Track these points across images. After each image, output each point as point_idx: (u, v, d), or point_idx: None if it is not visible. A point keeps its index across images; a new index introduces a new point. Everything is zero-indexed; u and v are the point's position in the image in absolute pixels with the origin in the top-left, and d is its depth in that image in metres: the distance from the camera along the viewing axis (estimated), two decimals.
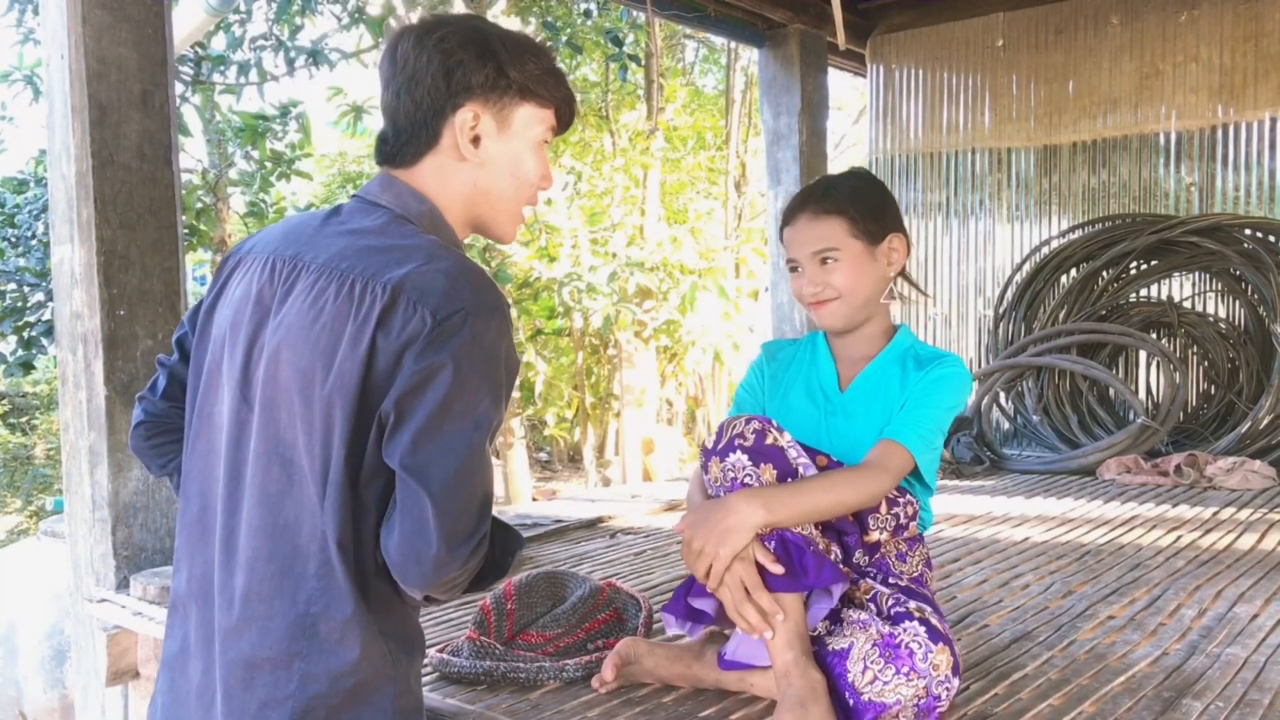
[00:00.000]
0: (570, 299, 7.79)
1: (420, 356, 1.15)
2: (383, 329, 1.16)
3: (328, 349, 1.18)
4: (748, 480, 1.55)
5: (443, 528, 1.14)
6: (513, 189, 1.35)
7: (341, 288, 1.20)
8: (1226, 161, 4.55)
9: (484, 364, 1.17)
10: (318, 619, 1.19)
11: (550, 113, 1.36)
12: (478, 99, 1.30)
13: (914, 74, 5.34)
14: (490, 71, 1.29)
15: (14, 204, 6.26)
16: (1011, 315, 4.89)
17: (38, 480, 8.05)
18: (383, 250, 1.22)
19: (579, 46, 7.38)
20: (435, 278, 1.17)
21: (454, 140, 1.30)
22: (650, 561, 2.74)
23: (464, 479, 1.15)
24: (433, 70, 1.28)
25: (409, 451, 1.15)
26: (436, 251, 1.21)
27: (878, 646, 1.46)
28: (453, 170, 1.31)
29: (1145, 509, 3.34)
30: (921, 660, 1.44)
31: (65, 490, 2.55)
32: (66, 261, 2.44)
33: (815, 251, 1.72)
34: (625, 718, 1.64)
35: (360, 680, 1.19)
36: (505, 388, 1.20)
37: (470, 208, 1.34)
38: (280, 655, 1.19)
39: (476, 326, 1.16)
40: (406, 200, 1.30)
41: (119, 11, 2.39)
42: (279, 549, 1.20)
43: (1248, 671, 1.79)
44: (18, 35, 6.18)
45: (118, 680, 2.38)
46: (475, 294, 1.17)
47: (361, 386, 1.16)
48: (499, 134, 1.32)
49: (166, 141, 2.48)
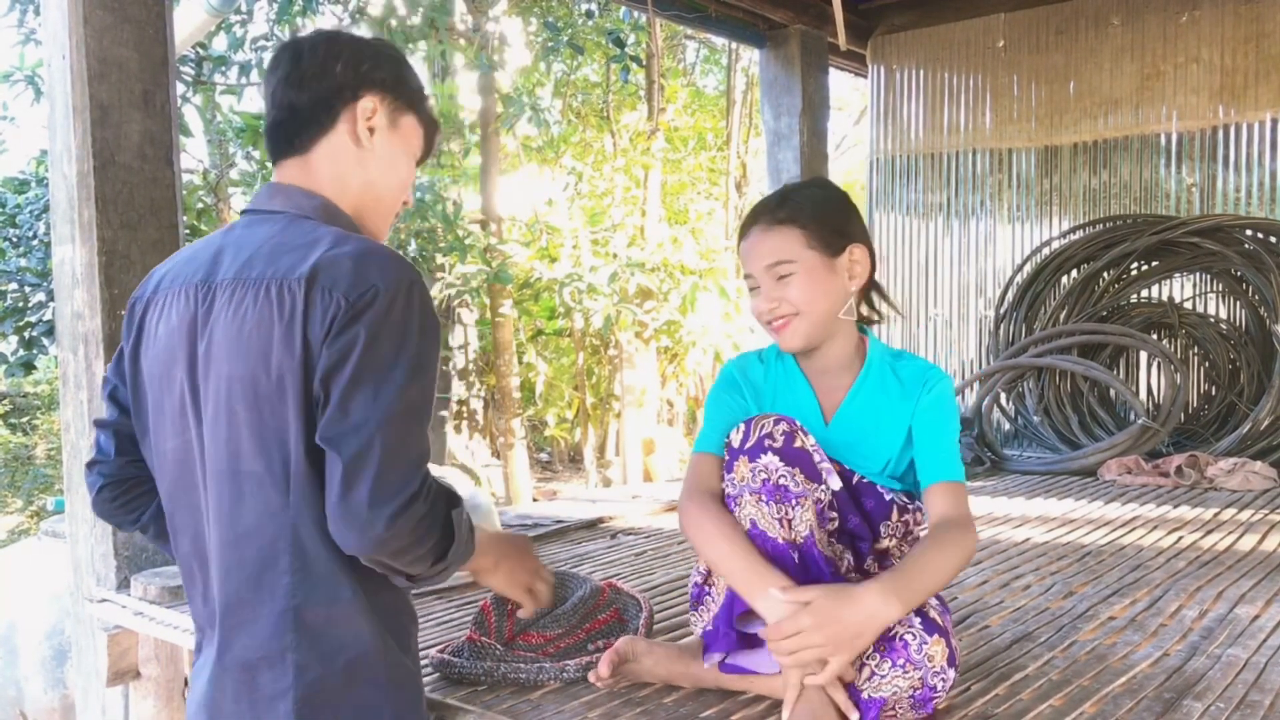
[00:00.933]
0: (571, 299, 7.80)
1: (336, 337, 1.21)
2: (308, 321, 1.21)
3: (262, 353, 1.24)
4: (783, 482, 1.49)
5: (357, 492, 1.19)
6: (393, 187, 1.43)
7: (258, 294, 1.25)
8: (1227, 162, 4.55)
9: (395, 334, 1.22)
10: (301, 610, 1.25)
11: (424, 134, 1.47)
12: (380, 92, 1.38)
13: (915, 74, 5.34)
14: (393, 73, 1.40)
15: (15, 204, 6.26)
16: (1012, 316, 4.89)
17: (39, 480, 8.05)
18: (287, 250, 1.26)
19: (580, 47, 7.38)
20: (343, 263, 1.22)
21: (351, 126, 1.36)
22: (651, 562, 2.74)
23: (377, 444, 1.19)
24: (343, 60, 1.36)
25: (325, 424, 1.21)
26: (339, 239, 1.26)
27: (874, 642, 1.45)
28: (345, 155, 1.37)
29: (1146, 510, 3.34)
30: (916, 651, 1.42)
31: (66, 490, 2.55)
32: (68, 262, 2.44)
33: (770, 265, 1.63)
34: (626, 718, 1.64)
35: (352, 658, 1.26)
36: (422, 355, 1.24)
37: (357, 197, 1.39)
38: (272, 652, 1.25)
39: (385, 301, 1.21)
40: (298, 200, 1.34)
41: (120, 12, 2.39)
42: (245, 556, 1.27)
43: (1249, 673, 1.79)
44: (19, 35, 6.18)
45: (118, 680, 2.38)
46: (383, 271, 1.23)
47: (304, 379, 1.22)
48: (389, 132, 1.40)
49: (168, 142, 2.48)
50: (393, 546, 1.21)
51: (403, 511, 1.20)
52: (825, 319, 1.64)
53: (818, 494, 1.53)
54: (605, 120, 9.29)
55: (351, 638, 1.26)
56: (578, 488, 9.30)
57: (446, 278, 7.81)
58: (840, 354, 1.69)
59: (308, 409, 1.23)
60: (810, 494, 1.51)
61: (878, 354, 1.70)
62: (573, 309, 7.92)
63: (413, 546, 1.23)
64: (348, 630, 1.26)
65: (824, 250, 1.63)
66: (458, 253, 7.52)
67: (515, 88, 8.57)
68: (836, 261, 1.64)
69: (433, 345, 1.27)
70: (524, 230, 8.49)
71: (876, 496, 1.65)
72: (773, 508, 1.50)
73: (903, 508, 1.66)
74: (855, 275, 1.66)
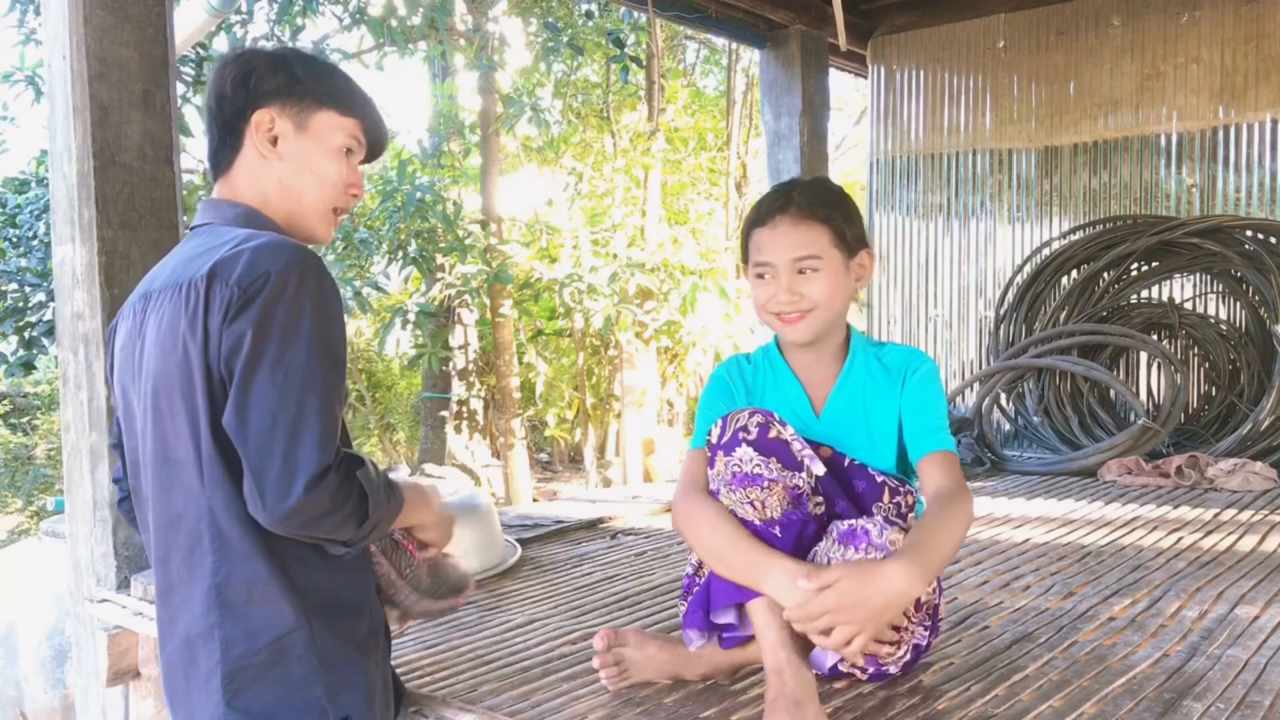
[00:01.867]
0: (571, 300, 7.79)
1: (230, 324, 1.27)
2: (209, 313, 1.28)
3: (172, 346, 1.32)
4: (758, 471, 1.52)
5: (263, 480, 1.24)
6: (315, 187, 1.46)
7: (175, 295, 1.33)
8: (1227, 163, 4.55)
9: (288, 313, 1.26)
10: (223, 587, 1.32)
11: (353, 124, 1.48)
12: (274, 103, 1.43)
13: (915, 75, 5.34)
14: (283, 79, 1.43)
15: (15, 204, 6.26)
16: (1012, 316, 4.89)
17: (39, 480, 8.04)
18: (201, 253, 1.35)
19: (580, 48, 7.38)
20: (242, 255, 1.29)
21: (253, 142, 1.43)
22: (651, 562, 2.74)
23: (281, 423, 1.24)
24: (232, 82, 1.43)
25: (229, 413, 1.27)
26: (246, 237, 1.33)
27: (837, 541, 1.50)
28: (259, 168, 1.44)
29: (1146, 510, 3.34)
30: (878, 536, 1.47)
31: (66, 490, 2.54)
32: (68, 262, 2.44)
33: (797, 258, 1.63)
34: (626, 718, 1.64)
35: (277, 635, 1.31)
36: (320, 330, 1.28)
37: (280, 204, 1.45)
38: (203, 629, 1.33)
39: (278, 282, 1.26)
40: (223, 211, 1.44)
41: (120, 12, 2.39)
42: (177, 540, 1.35)
43: (1248, 673, 1.79)
44: (19, 35, 6.18)
45: (118, 680, 2.38)
46: (276, 257, 1.28)
47: (206, 368, 1.29)
48: (297, 135, 1.44)
49: (168, 142, 2.48)
50: (305, 517, 1.25)
51: (314, 486, 1.24)
52: (838, 317, 1.70)
53: (794, 481, 1.55)
54: (605, 121, 9.28)
55: (275, 615, 1.31)
56: (578, 488, 9.30)
57: (446, 278, 7.81)
58: (832, 345, 1.74)
59: (211, 395, 1.29)
60: (784, 480, 1.53)
61: (860, 344, 1.75)
62: (573, 309, 7.92)
63: (329, 514, 1.27)
64: (270, 608, 1.31)
65: (846, 252, 1.67)
66: (458, 253, 7.52)
67: (515, 88, 8.57)
68: (851, 263, 1.68)
69: (330, 321, 1.30)
70: (524, 230, 8.49)
71: (868, 479, 1.67)
72: (743, 493, 1.53)
73: (894, 489, 1.68)
74: (861, 278, 1.70)
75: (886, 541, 1.47)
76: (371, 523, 1.32)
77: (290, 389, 1.25)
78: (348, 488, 1.28)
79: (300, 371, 1.26)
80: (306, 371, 1.26)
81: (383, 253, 7.46)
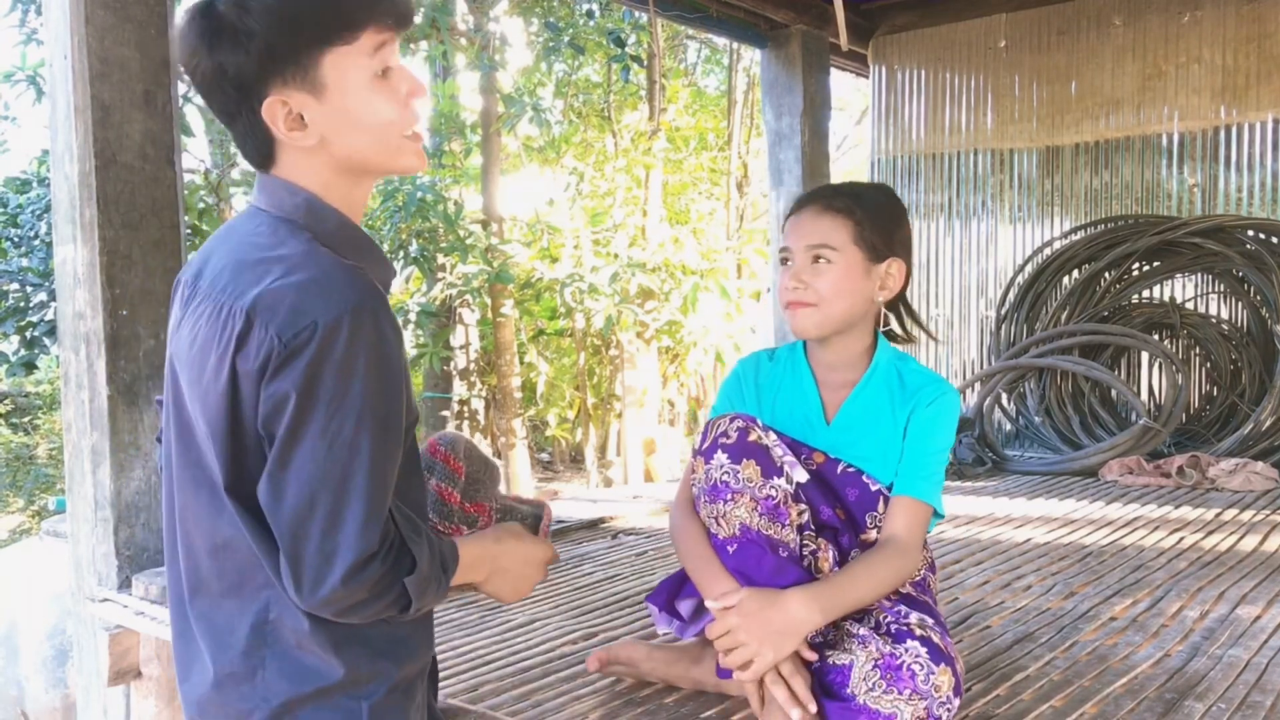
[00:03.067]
0: (572, 300, 7.80)
1: (269, 383, 1.09)
2: (241, 354, 1.10)
3: (198, 378, 1.15)
4: (726, 479, 1.51)
5: (297, 566, 1.10)
6: (373, 139, 1.20)
7: (213, 311, 1.15)
8: (1229, 163, 4.55)
9: (337, 375, 1.08)
10: (275, 628, 1.17)
11: (366, 35, 1.17)
12: (273, 84, 1.15)
13: (916, 75, 5.34)
14: (258, 50, 1.13)
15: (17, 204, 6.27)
16: (1013, 316, 4.89)
17: (40, 480, 8.05)
18: (252, 265, 1.15)
19: (581, 47, 7.38)
20: (285, 294, 1.10)
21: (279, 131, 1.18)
22: (652, 562, 2.74)
23: (321, 506, 1.09)
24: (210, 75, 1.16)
25: (263, 486, 1.11)
26: (297, 260, 1.14)
27: (879, 667, 1.43)
28: (302, 156, 1.20)
29: (1147, 510, 3.34)
30: (923, 682, 1.41)
31: (67, 490, 2.55)
32: (69, 261, 2.44)
33: (811, 245, 1.63)
34: (627, 718, 1.64)
35: (322, 687, 1.17)
36: (373, 394, 1.11)
37: (347, 175, 1.23)
38: (243, 669, 1.18)
39: (326, 340, 1.08)
40: (281, 197, 1.21)
41: (122, 12, 2.39)
42: (223, 568, 1.19)
43: (1250, 673, 1.79)
44: (20, 35, 6.19)
45: (120, 680, 2.38)
46: (326, 302, 1.09)
47: (230, 415, 1.13)
48: (320, 100, 1.17)
49: (169, 142, 2.48)
50: (341, 606, 1.13)
51: (351, 577, 1.10)
52: (842, 318, 1.65)
53: (767, 490, 1.52)
54: (606, 120, 9.28)
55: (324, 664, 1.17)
56: (579, 488, 9.29)
57: (448, 278, 7.81)
58: (851, 352, 1.70)
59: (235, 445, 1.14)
60: (751, 491, 1.51)
61: (885, 356, 1.70)
62: (574, 309, 7.92)
63: (368, 603, 1.14)
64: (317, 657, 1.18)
65: (868, 252, 1.64)
66: (459, 253, 7.52)
67: (516, 88, 8.57)
68: (875, 268, 1.65)
69: (386, 380, 1.13)
70: (525, 230, 8.49)
71: (861, 486, 1.65)
72: (710, 507, 1.54)
73: (889, 499, 1.65)
74: (886, 287, 1.66)
75: (931, 688, 1.40)
76: (415, 609, 1.18)
77: (334, 466, 1.09)
78: (391, 578, 1.14)
79: (346, 445, 1.09)
80: (353, 445, 1.10)
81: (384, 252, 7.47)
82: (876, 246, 1.64)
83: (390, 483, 1.16)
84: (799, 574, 1.51)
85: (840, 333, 1.68)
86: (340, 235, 1.22)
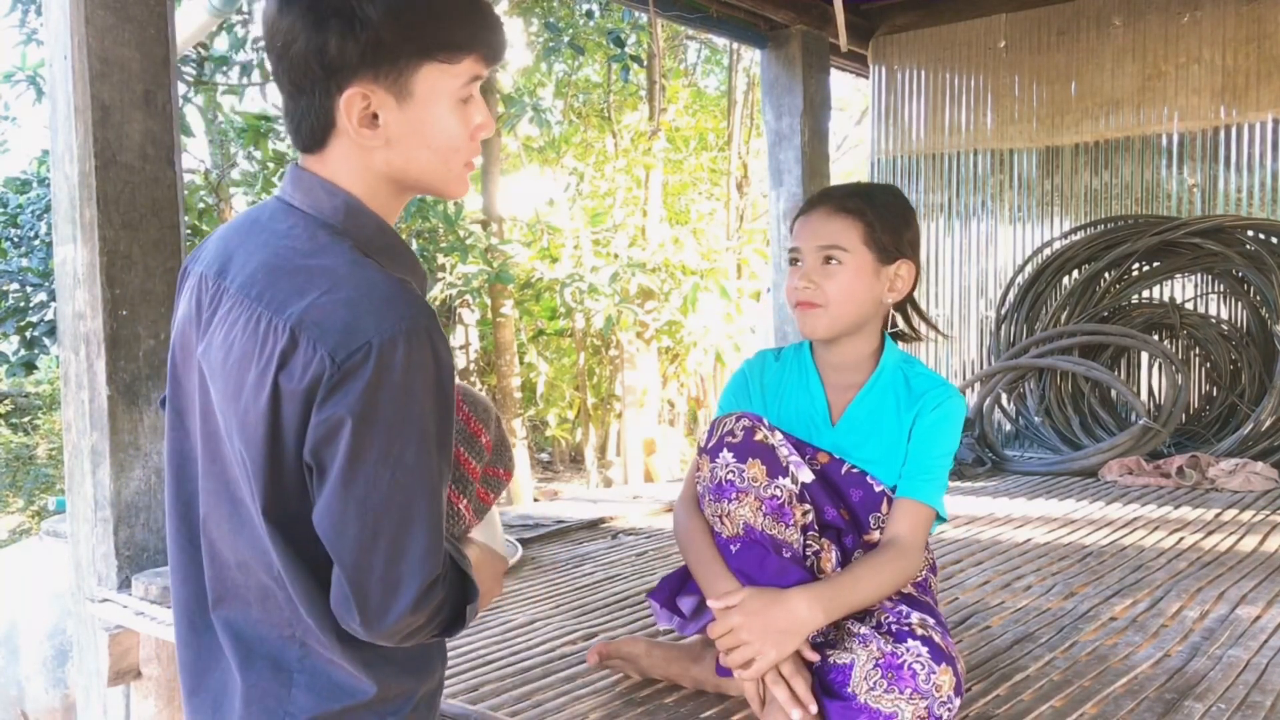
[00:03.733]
0: (572, 300, 7.80)
1: (322, 406, 1.04)
2: (285, 372, 1.05)
3: (234, 393, 1.10)
4: (731, 478, 1.51)
5: (361, 597, 1.07)
6: (435, 159, 1.18)
7: (249, 321, 1.09)
8: (1229, 163, 4.55)
9: (398, 402, 1.04)
10: (303, 643, 1.15)
11: (467, 62, 1.16)
12: (364, 76, 1.12)
13: (916, 75, 5.34)
14: (367, 40, 1.10)
15: (17, 204, 6.27)
16: (1013, 317, 4.89)
17: (40, 480, 8.05)
18: (290, 272, 1.10)
19: (581, 47, 7.38)
20: (336, 310, 1.05)
21: (349, 123, 1.13)
22: (652, 562, 2.74)
23: (382, 537, 1.06)
24: (304, 49, 1.11)
25: (321, 515, 1.07)
26: (343, 272, 1.09)
27: (880, 666, 1.43)
28: (359, 156, 1.16)
29: (1147, 510, 3.34)
30: (924, 681, 1.41)
31: (67, 490, 2.55)
32: (69, 261, 2.44)
33: (822, 245, 1.63)
34: (627, 717, 1.64)
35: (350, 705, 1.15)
36: (431, 419, 1.07)
37: (394, 185, 1.19)
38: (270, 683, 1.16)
39: (383, 361, 1.03)
40: (318, 197, 1.16)
41: (122, 12, 2.39)
42: (245, 582, 1.17)
43: (1250, 673, 1.79)
44: (21, 35, 6.19)
45: (120, 680, 2.38)
46: (379, 320, 1.04)
47: (270, 436, 1.07)
48: (400, 106, 1.14)
49: (169, 142, 2.48)
50: (403, 634, 1.11)
51: (417, 606, 1.08)
52: (851, 319, 1.65)
53: (771, 490, 1.52)
54: (606, 120, 9.29)
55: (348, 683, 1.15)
56: (579, 488, 9.30)
57: (448, 278, 7.81)
58: (859, 354, 1.70)
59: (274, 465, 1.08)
60: (756, 490, 1.51)
61: (892, 359, 1.70)
62: (574, 309, 7.92)
63: (425, 629, 1.13)
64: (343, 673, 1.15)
65: (878, 253, 1.63)
66: (459, 253, 7.52)
67: (517, 88, 8.57)
68: (884, 269, 1.64)
69: (442, 401, 1.09)
70: (525, 230, 8.49)
71: (865, 487, 1.65)
72: (715, 506, 1.54)
73: (894, 500, 1.66)
74: (895, 289, 1.66)
75: (932, 687, 1.41)
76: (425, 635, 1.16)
77: (396, 493, 1.05)
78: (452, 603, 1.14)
79: (410, 471, 1.05)
80: (416, 470, 1.06)
81: None
82: (886, 248, 1.64)
83: (445, 506, 1.12)
84: (801, 575, 1.51)
85: (849, 334, 1.67)
86: (379, 242, 1.18)
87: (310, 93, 1.13)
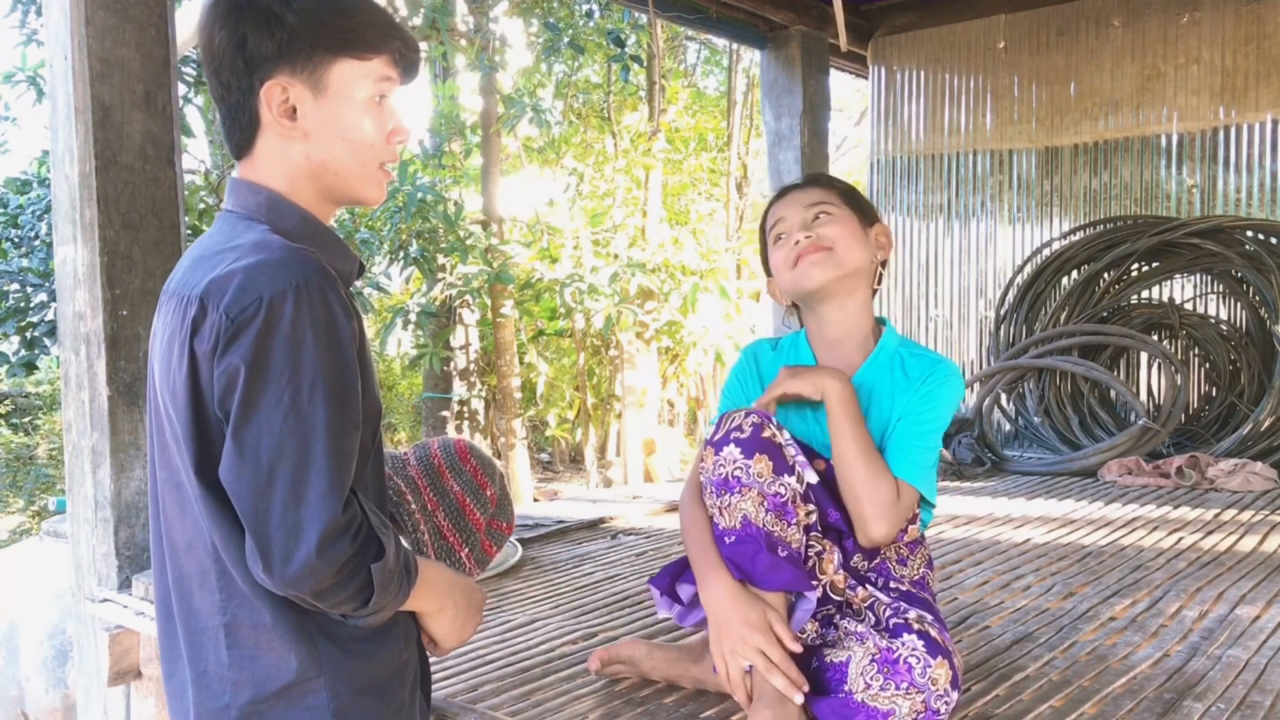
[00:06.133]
0: (572, 300, 7.80)
1: (220, 359, 1.12)
2: (197, 338, 1.14)
3: (165, 371, 1.20)
4: (737, 473, 1.51)
5: (264, 542, 1.11)
6: (351, 154, 1.26)
7: (176, 307, 1.20)
8: (1228, 163, 4.56)
9: (285, 349, 1.11)
10: (234, 628, 1.20)
11: (379, 63, 1.26)
12: (282, 69, 1.22)
13: (915, 76, 5.35)
14: (283, 36, 1.21)
15: (17, 204, 6.27)
16: (1013, 317, 4.89)
17: (40, 480, 8.05)
18: (209, 257, 1.20)
19: (581, 47, 7.38)
20: (235, 275, 1.13)
21: (269, 116, 1.23)
22: (652, 562, 2.74)
23: (279, 481, 1.10)
24: (225, 44, 1.22)
25: (224, 465, 1.13)
26: (250, 248, 1.17)
27: (876, 662, 1.44)
28: (282, 149, 1.25)
29: (1146, 511, 3.34)
30: (920, 675, 1.41)
31: (68, 490, 2.55)
32: (69, 262, 2.44)
33: (810, 204, 1.68)
34: (627, 717, 1.64)
35: (287, 684, 1.19)
36: (323, 365, 1.12)
37: (315, 181, 1.27)
38: (213, 668, 1.21)
39: (273, 312, 1.10)
40: (245, 197, 1.26)
41: (122, 13, 2.39)
42: (189, 567, 1.23)
43: (1249, 673, 1.79)
44: (21, 36, 6.19)
45: (120, 680, 2.38)
46: (272, 278, 1.12)
47: (191, 400, 1.16)
48: (316, 100, 1.24)
49: (169, 142, 2.48)
50: (311, 585, 1.12)
51: (321, 552, 1.10)
52: (853, 264, 1.67)
53: (775, 488, 1.52)
54: (606, 121, 9.29)
55: (283, 662, 1.19)
56: (579, 488, 9.30)
57: (448, 278, 7.81)
58: (855, 327, 1.71)
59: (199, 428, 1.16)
60: (760, 486, 1.51)
61: (891, 342, 1.72)
62: (574, 309, 7.92)
63: (335, 590, 1.14)
64: (277, 655, 1.19)
65: (859, 215, 1.71)
66: (459, 253, 7.52)
67: (516, 89, 8.57)
68: (868, 231, 1.72)
69: (338, 350, 1.14)
70: (525, 231, 8.50)
71: None
72: (717, 499, 1.54)
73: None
74: (882, 247, 1.74)
75: (929, 680, 1.41)
76: (373, 608, 1.19)
77: (288, 437, 1.10)
78: (359, 561, 1.15)
79: (302, 416, 1.11)
80: (309, 416, 1.11)
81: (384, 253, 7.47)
82: (865, 211, 1.73)
83: (351, 459, 1.16)
84: (794, 574, 1.50)
85: (847, 293, 1.68)
86: (302, 230, 1.26)
87: (235, 89, 1.23)
